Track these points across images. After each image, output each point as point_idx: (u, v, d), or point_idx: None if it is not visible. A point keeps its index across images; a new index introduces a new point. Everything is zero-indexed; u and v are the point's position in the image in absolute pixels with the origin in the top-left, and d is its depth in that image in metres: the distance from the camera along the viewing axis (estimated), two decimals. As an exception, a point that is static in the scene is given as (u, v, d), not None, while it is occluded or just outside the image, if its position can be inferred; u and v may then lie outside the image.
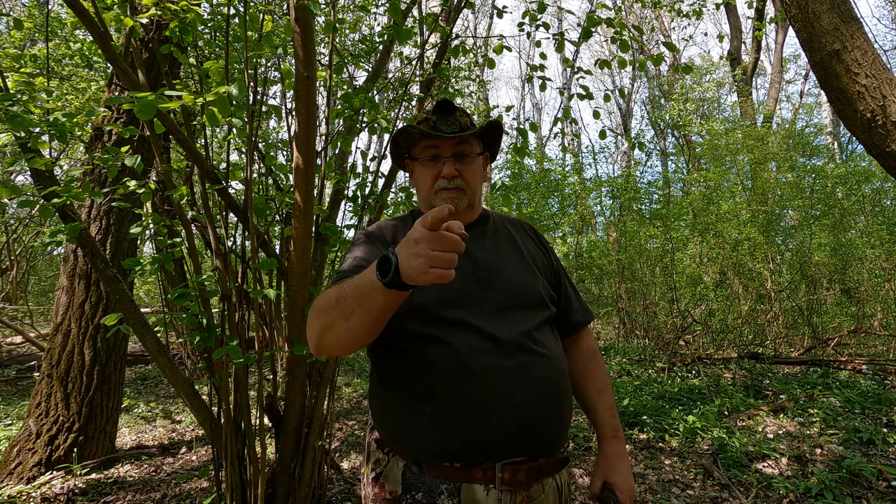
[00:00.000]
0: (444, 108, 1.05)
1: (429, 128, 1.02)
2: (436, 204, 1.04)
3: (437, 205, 1.04)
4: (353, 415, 4.14)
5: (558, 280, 1.15)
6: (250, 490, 1.87)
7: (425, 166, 1.05)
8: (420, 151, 1.06)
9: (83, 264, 2.91)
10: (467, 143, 1.04)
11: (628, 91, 19.44)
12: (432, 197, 1.04)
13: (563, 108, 3.00)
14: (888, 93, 1.73)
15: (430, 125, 1.03)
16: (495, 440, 0.89)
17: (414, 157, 1.08)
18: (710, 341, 6.21)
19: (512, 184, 7.29)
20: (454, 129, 1.03)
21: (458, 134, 1.02)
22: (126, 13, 1.74)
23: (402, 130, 1.04)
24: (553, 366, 0.98)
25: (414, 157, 1.08)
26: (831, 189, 7.14)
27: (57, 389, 2.81)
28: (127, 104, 1.21)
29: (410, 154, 1.09)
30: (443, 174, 1.02)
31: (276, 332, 2.11)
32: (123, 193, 1.81)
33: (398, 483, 0.92)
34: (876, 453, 2.99)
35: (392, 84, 3.73)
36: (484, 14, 17.75)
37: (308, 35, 1.48)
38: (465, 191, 1.04)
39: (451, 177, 1.02)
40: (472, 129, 1.05)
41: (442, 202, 1.03)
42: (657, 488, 2.73)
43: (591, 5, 17.38)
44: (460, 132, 1.03)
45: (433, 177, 1.03)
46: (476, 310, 0.95)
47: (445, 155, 1.03)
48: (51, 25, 4.35)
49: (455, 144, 1.03)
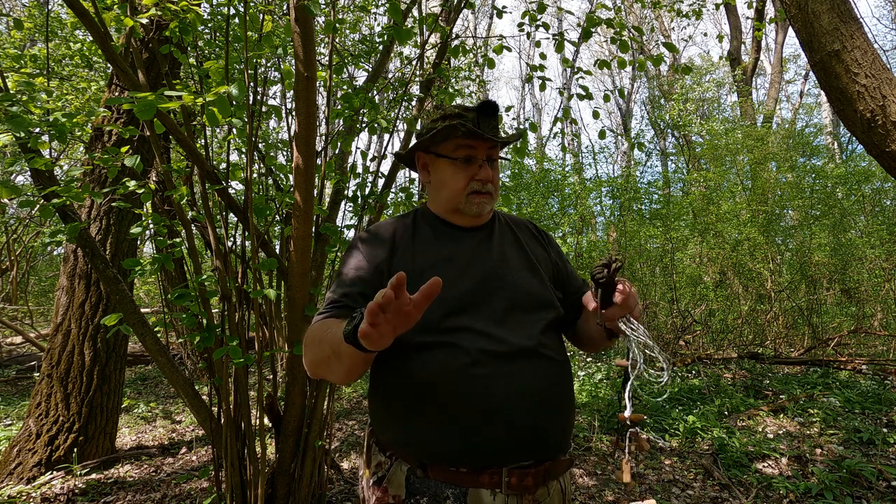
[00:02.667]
0: (489, 109, 1.02)
1: (470, 127, 0.99)
2: (466, 207, 1.03)
3: (467, 208, 1.03)
4: (353, 415, 4.13)
5: (560, 272, 1.13)
6: (250, 490, 1.87)
7: (457, 166, 1.02)
8: (453, 150, 1.02)
9: (83, 264, 2.91)
10: (496, 147, 1.04)
11: (628, 91, 19.44)
12: (463, 199, 1.03)
13: (563, 108, 3.00)
14: (888, 93, 1.73)
15: (473, 124, 1.00)
16: (502, 444, 0.88)
17: (439, 153, 1.04)
18: (710, 341, 6.21)
19: (512, 184, 7.29)
20: (495, 132, 1.02)
21: (503, 140, 1.01)
22: (126, 13, 1.74)
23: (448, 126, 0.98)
24: (558, 369, 0.98)
25: (439, 153, 1.04)
26: (831, 189, 7.13)
27: (57, 389, 2.81)
28: (127, 104, 1.21)
29: (434, 150, 1.05)
30: (479, 177, 1.01)
31: (276, 332, 2.11)
32: (123, 193, 1.81)
33: (402, 487, 0.92)
34: (876, 453, 2.99)
35: (392, 84, 3.73)
36: (484, 14, 17.75)
37: (308, 35, 1.47)
38: (493, 196, 1.05)
39: (487, 181, 1.02)
40: (509, 135, 1.05)
41: (474, 206, 1.02)
42: (657, 488, 2.73)
43: (591, 6, 17.38)
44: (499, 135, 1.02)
45: (467, 178, 1.02)
46: (482, 314, 0.94)
47: (481, 157, 1.02)
48: (51, 25, 4.35)
49: (489, 148, 1.02)
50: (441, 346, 0.92)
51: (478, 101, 10.06)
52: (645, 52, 12.75)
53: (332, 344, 0.81)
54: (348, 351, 0.76)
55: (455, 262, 1.00)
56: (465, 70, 7.34)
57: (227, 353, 1.69)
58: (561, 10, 2.83)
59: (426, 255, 1.01)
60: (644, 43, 14.12)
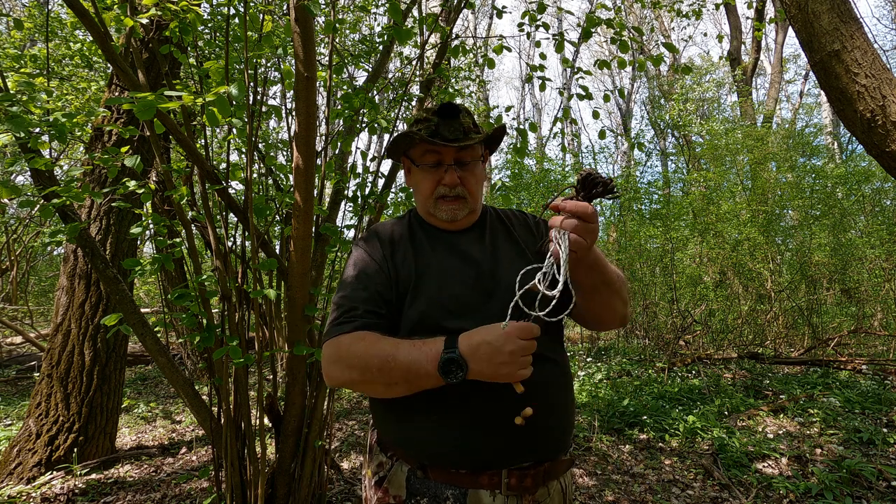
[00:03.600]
0: (447, 111, 0.99)
1: (430, 132, 0.98)
2: (435, 212, 1.02)
3: (436, 213, 1.02)
4: (353, 415, 4.13)
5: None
6: (250, 490, 1.87)
7: (426, 172, 1.01)
8: (420, 156, 1.01)
9: (83, 264, 2.91)
10: (470, 148, 1.00)
11: (628, 91, 19.44)
12: (432, 204, 1.01)
13: (563, 108, 3.00)
14: (888, 93, 1.73)
15: (432, 129, 0.98)
16: (501, 446, 0.88)
17: (412, 160, 1.04)
18: (710, 341, 6.21)
19: (512, 184, 7.29)
20: (457, 135, 0.98)
21: (461, 143, 0.97)
22: (126, 13, 1.74)
23: (404, 135, 0.99)
24: (557, 369, 0.97)
25: (412, 160, 1.04)
26: (831, 189, 7.13)
27: (57, 390, 2.81)
28: (127, 104, 1.21)
29: (409, 155, 1.05)
30: (444, 182, 0.99)
31: (276, 332, 2.11)
32: (123, 193, 1.80)
33: (402, 488, 0.92)
34: (876, 453, 2.99)
35: (392, 84, 3.73)
36: (484, 14, 17.75)
37: (308, 35, 1.47)
38: (467, 199, 1.01)
39: (454, 185, 0.99)
40: (475, 133, 1.01)
41: (442, 212, 1.01)
42: (657, 488, 2.73)
43: (591, 6, 17.38)
44: (464, 138, 0.98)
45: (434, 183, 1.00)
46: (478, 318, 0.93)
47: (447, 162, 0.99)
48: (51, 25, 4.35)
49: (457, 151, 0.99)
50: None
51: (478, 101, 10.06)
52: (645, 52, 12.75)
53: (410, 370, 0.83)
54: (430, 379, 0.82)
55: (449, 265, 0.99)
56: (465, 70, 7.34)
57: (227, 353, 1.68)
58: (561, 10, 2.83)
59: (421, 258, 1.00)
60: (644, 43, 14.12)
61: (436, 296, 0.94)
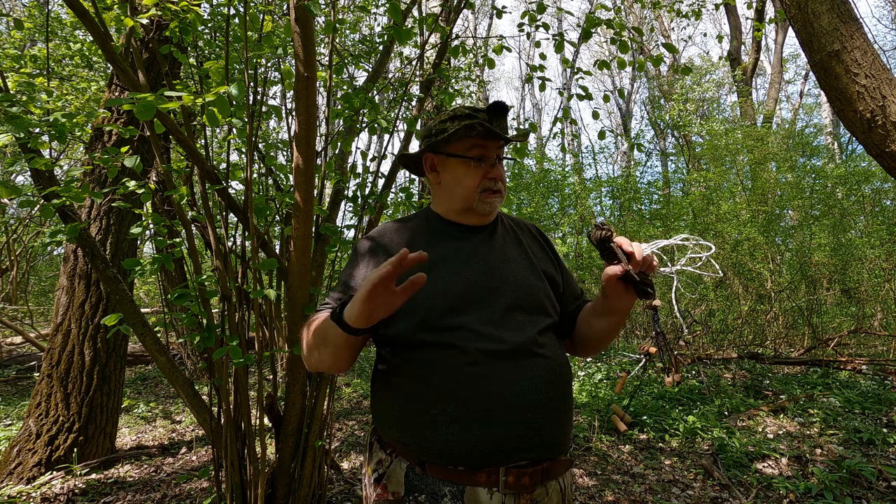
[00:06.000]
0: (500, 109, 1.03)
1: (487, 126, 1.00)
2: (476, 205, 1.05)
3: (477, 206, 1.05)
4: (353, 415, 4.13)
5: (559, 279, 1.13)
6: (250, 490, 1.87)
7: (469, 166, 1.04)
8: (466, 149, 1.04)
9: (83, 264, 2.91)
10: (503, 147, 1.07)
11: (628, 92, 19.44)
12: (476, 197, 1.04)
13: (563, 108, 3.00)
14: (888, 93, 1.73)
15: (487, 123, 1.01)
16: (500, 443, 0.89)
17: (451, 153, 1.05)
18: (710, 341, 6.21)
19: (512, 184, 7.30)
20: (505, 133, 1.04)
21: (513, 138, 1.04)
22: (126, 13, 1.74)
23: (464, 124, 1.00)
24: (557, 369, 0.98)
25: (451, 153, 1.05)
26: (831, 189, 7.14)
27: (57, 389, 2.81)
28: (127, 105, 1.21)
29: (445, 150, 1.06)
30: (491, 176, 1.04)
31: (276, 332, 2.10)
32: (123, 193, 1.80)
33: (401, 484, 0.92)
34: (876, 453, 2.99)
35: (392, 84, 3.73)
36: (484, 14, 17.76)
37: (308, 35, 1.47)
38: (503, 194, 1.07)
39: (500, 179, 1.05)
40: (519, 134, 1.08)
41: (486, 205, 1.04)
42: (657, 488, 2.73)
43: (591, 6, 17.39)
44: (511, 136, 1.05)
45: (480, 177, 1.03)
46: (482, 314, 0.95)
47: (491, 157, 1.04)
48: (51, 26, 4.35)
49: (498, 147, 1.05)
50: (440, 346, 0.92)
51: (478, 101, 10.06)
52: (645, 52, 12.75)
53: (320, 329, 0.90)
54: (334, 334, 0.84)
55: (457, 261, 1.01)
56: (465, 70, 7.34)
57: (227, 353, 1.68)
58: (561, 10, 2.83)
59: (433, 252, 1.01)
60: (644, 43, 14.13)
61: (443, 292, 0.95)
